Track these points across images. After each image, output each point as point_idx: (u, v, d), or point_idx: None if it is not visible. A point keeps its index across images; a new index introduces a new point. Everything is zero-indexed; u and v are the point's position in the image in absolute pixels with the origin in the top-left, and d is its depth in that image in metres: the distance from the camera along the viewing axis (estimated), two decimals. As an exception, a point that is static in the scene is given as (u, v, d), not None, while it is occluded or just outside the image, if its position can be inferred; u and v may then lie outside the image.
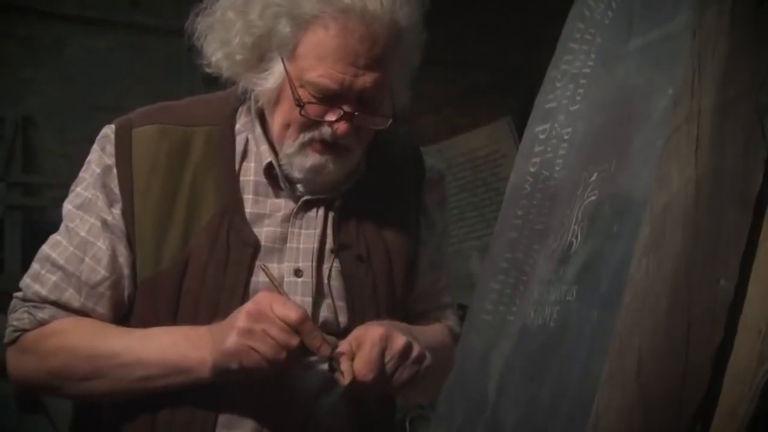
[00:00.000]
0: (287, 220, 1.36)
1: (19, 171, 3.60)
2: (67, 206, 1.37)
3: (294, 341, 1.17)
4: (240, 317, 1.20)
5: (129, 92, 3.80)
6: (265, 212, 1.36)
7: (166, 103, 1.44)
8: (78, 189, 1.36)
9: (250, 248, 1.31)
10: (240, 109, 1.40)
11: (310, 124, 1.28)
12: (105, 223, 1.30)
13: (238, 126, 1.39)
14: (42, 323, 1.29)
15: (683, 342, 1.00)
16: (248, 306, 1.21)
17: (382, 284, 1.42)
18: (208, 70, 1.35)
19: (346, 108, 1.27)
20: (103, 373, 1.25)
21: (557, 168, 1.41)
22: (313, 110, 1.27)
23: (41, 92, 3.69)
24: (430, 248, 1.51)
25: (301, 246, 1.36)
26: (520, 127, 4.13)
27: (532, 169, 1.50)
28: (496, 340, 1.39)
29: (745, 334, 1.00)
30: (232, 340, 1.18)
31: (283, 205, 1.38)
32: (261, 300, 1.21)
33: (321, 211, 1.38)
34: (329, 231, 1.38)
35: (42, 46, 3.73)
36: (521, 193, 1.51)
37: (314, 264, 1.37)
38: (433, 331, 1.49)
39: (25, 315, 1.29)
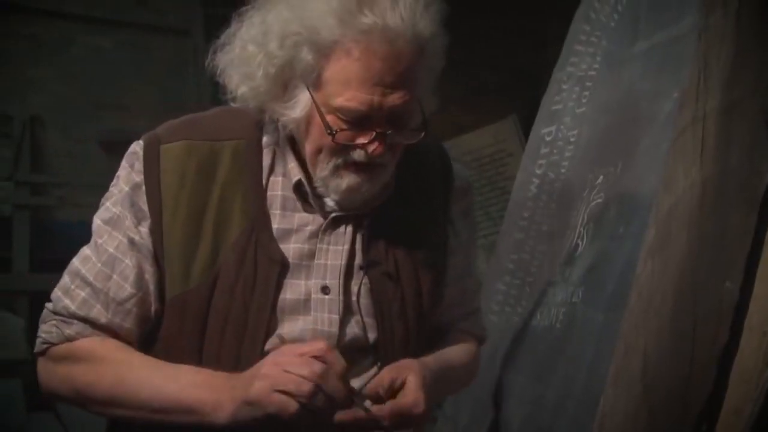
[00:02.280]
0: (315, 235, 1.33)
1: (26, 170, 3.60)
2: (97, 221, 1.33)
3: (320, 368, 1.14)
4: (264, 365, 1.17)
5: (134, 91, 3.81)
6: (293, 227, 1.32)
7: (193, 116, 1.42)
8: (107, 204, 1.31)
9: (277, 266, 1.27)
10: (266, 121, 1.40)
11: (343, 147, 1.25)
12: (132, 242, 1.27)
13: (265, 139, 1.36)
14: (69, 339, 1.27)
15: (688, 343, 1.00)
16: (269, 358, 1.19)
17: (411, 300, 1.41)
18: (233, 104, 1.35)
19: (378, 128, 1.26)
20: (123, 403, 1.24)
21: (563, 170, 1.41)
22: (344, 136, 1.23)
23: (47, 91, 3.69)
24: (458, 258, 1.51)
25: (329, 262, 1.34)
26: (525, 126, 4.13)
27: (538, 171, 1.50)
28: (503, 341, 1.40)
29: (751, 334, 1.00)
30: (257, 387, 1.15)
31: (312, 220, 1.34)
32: (283, 349, 1.20)
33: (350, 228, 1.36)
34: (358, 247, 1.36)
35: (48, 45, 3.74)
36: (527, 194, 1.51)
37: (341, 281, 1.36)
38: (459, 354, 1.49)
39: (54, 329, 1.27)
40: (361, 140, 1.23)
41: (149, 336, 1.31)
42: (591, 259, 1.20)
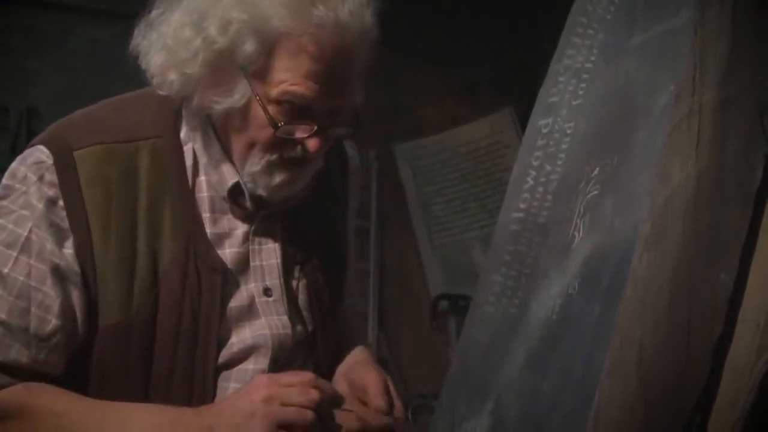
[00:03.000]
0: (247, 237, 1.28)
1: (24, 162, 3.63)
2: None
3: (318, 395, 1.11)
4: (254, 402, 1.09)
5: (132, 83, 3.81)
6: (225, 231, 1.27)
7: (96, 112, 1.29)
8: (4, 222, 1.14)
9: (219, 275, 1.22)
10: (181, 111, 1.27)
11: (279, 142, 1.20)
12: (56, 268, 1.13)
13: (183, 134, 1.26)
14: None
15: (684, 335, 1.01)
16: (255, 394, 1.10)
17: (334, 291, 1.41)
18: (158, 90, 1.26)
19: (318, 123, 1.20)
20: None
21: (560, 162, 1.42)
22: (285, 130, 1.18)
23: (45, 83, 3.69)
24: (352, 235, 1.51)
25: (265, 263, 1.30)
26: (522, 118, 4.14)
27: (534, 163, 1.51)
28: (499, 333, 1.41)
29: (745, 326, 1.01)
30: (259, 427, 1.06)
31: (240, 222, 1.29)
32: (263, 382, 1.13)
33: (277, 225, 1.33)
34: (288, 243, 1.33)
35: (46, 37, 3.73)
36: (523, 186, 1.52)
37: (281, 281, 1.32)
38: (366, 337, 1.52)
39: None
40: (301, 134, 1.19)
41: (80, 368, 1.19)
42: (587, 251, 1.20)
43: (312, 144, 1.20)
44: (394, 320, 4.05)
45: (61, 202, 1.15)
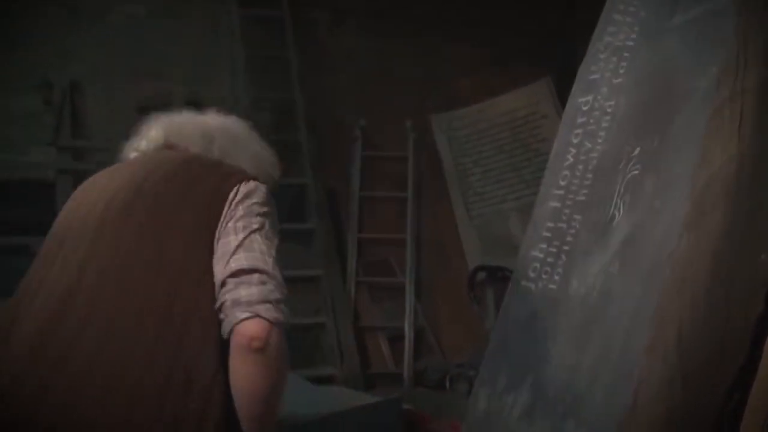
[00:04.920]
0: None
1: (68, 136, 3.68)
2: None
3: None
4: None
5: (168, 58, 3.85)
6: None
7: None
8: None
9: None
10: None
11: None
12: None
13: None
14: None
15: (723, 315, 1.04)
16: None
17: None
18: None
19: None
20: None
21: (599, 141, 1.43)
22: None
23: (85, 59, 3.75)
24: None
25: None
26: (558, 87, 4.11)
27: (574, 140, 1.52)
28: (538, 308, 1.44)
29: (784, 306, 1.03)
30: None
31: None
32: None
33: None
34: None
35: (85, 14, 3.78)
36: (563, 163, 1.53)
37: None
38: None
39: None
40: None
41: None
42: (627, 231, 1.23)
43: None
44: (431, 290, 4.08)
45: None
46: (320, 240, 3.68)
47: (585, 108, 1.53)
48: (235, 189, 1.24)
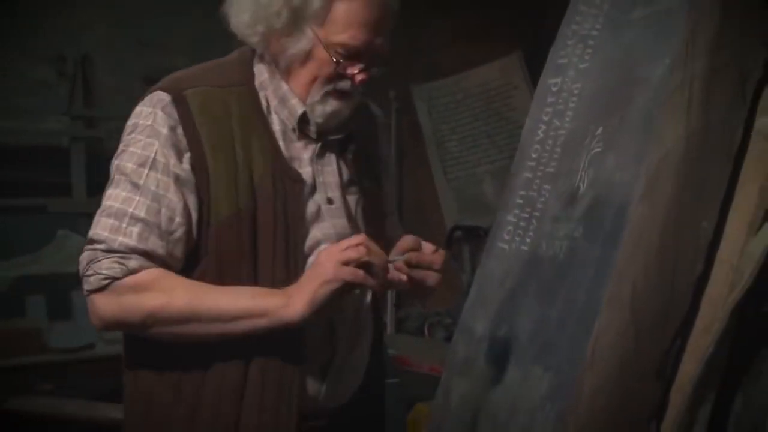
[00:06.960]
0: (311, 161, 1.50)
1: (80, 105, 3.69)
2: (128, 165, 1.37)
3: (374, 246, 1.32)
4: (320, 259, 1.34)
5: (174, 30, 3.85)
6: (294, 156, 1.50)
7: (192, 69, 1.53)
8: (134, 149, 1.37)
9: (300, 184, 1.47)
10: (254, 69, 1.51)
11: (334, 77, 1.44)
12: (177, 178, 1.37)
13: (257, 84, 1.50)
14: (132, 272, 1.34)
15: (670, 273, 1.12)
16: (320, 257, 1.35)
17: (378, 205, 1.62)
18: (247, 41, 1.46)
19: (364, 62, 1.43)
20: (200, 316, 1.34)
21: (567, 119, 1.50)
22: (343, 66, 1.42)
23: (96, 32, 3.74)
24: (389, 175, 1.74)
25: (326, 180, 1.52)
26: (530, 58, 4.16)
27: (545, 118, 1.59)
28: (512, 267, 1.51)
29: (720, 266, 1.12)
30: (329, 267, 1.30)
31: (304, 147, 1.51)
32: (327, 248, 1.38)
33: (332, 152, 1.55)
34: (342, 167, 1.55)
35: (97, -11, 3.78)
36: (535, 138, 1.60)
37: (340, 193, 1.52)
38: None
39: (116, 264, 1.34)
40: (352, 70, 1.41)
41: (193, 262, 1.42)
42: (590, 200, 1.30)
43: (359, 78, 1.44)
44: (412, 246, 4.16)
45: (179, 128, 1.39)
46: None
47: (555, 89, 1.59)
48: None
